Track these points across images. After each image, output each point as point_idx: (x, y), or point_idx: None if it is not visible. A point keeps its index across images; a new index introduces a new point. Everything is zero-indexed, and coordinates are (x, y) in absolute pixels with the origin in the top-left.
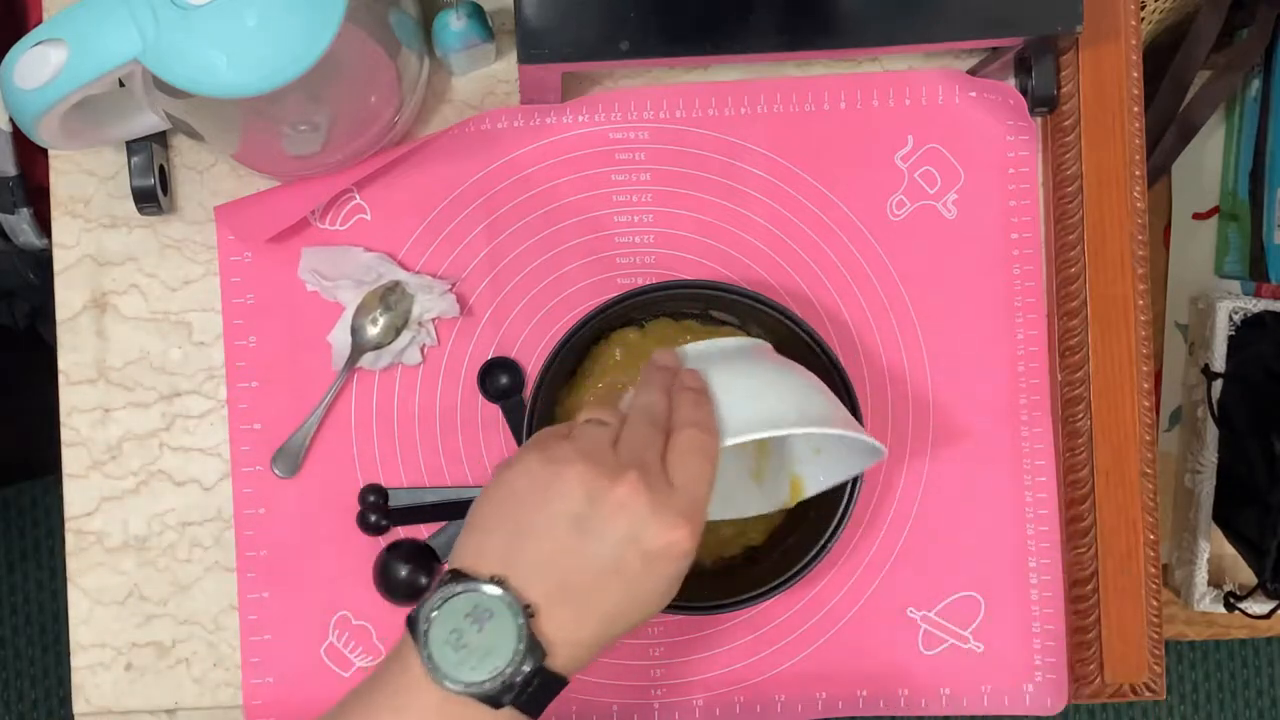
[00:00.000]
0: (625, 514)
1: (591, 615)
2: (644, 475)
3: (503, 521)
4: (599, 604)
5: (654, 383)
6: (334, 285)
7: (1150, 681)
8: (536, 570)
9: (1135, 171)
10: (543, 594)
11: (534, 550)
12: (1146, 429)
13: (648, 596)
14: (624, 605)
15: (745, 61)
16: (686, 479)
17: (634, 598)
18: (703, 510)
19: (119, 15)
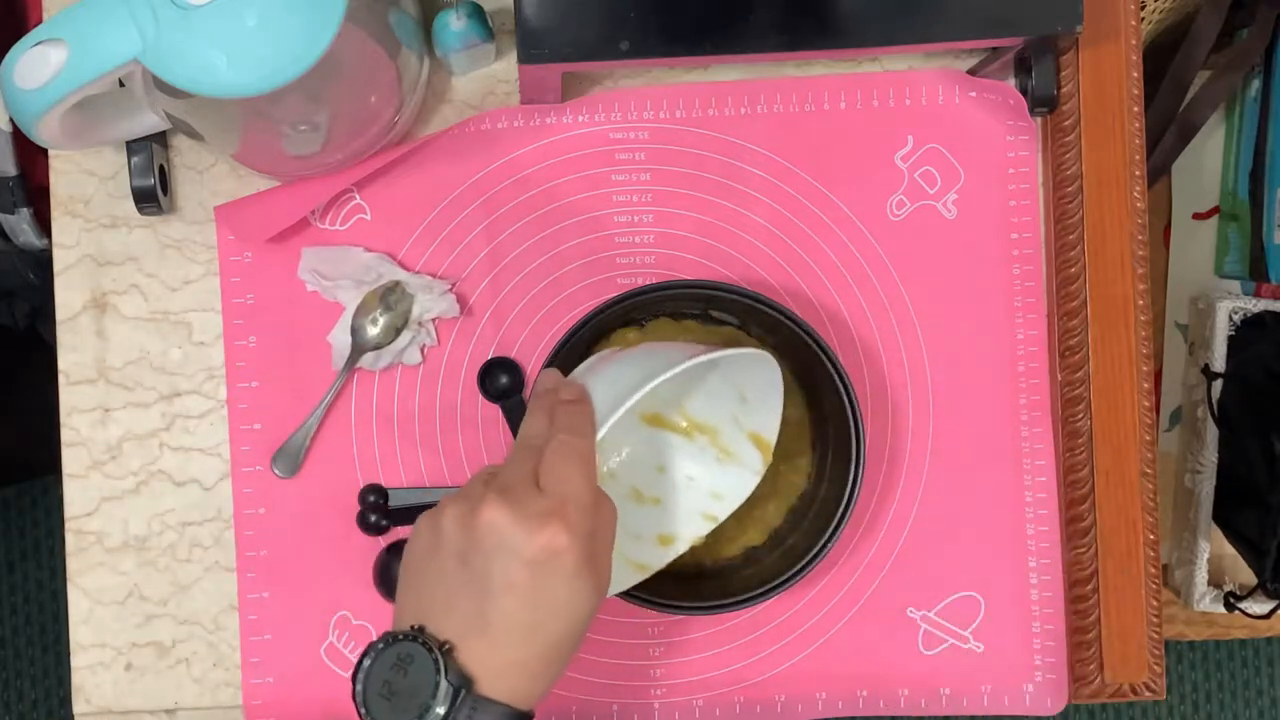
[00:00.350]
0: (493, 532)
1: (505, 637)
2: (505, 493)
3: (411, 582)
4: (507, 624)
5: (536, 409)
6: (334, 285)
7: (1150, 681)
8: (445, 612)
9: (1135, 171)
10: (455, 632)
11: (437, 596)
12: (1146, 429)
13: (555, 602)
14: (535, 618)
15: (745, 61)
16: (553, 480)
17: (540, 607)
18: (579, 505)
19: (119, 15)
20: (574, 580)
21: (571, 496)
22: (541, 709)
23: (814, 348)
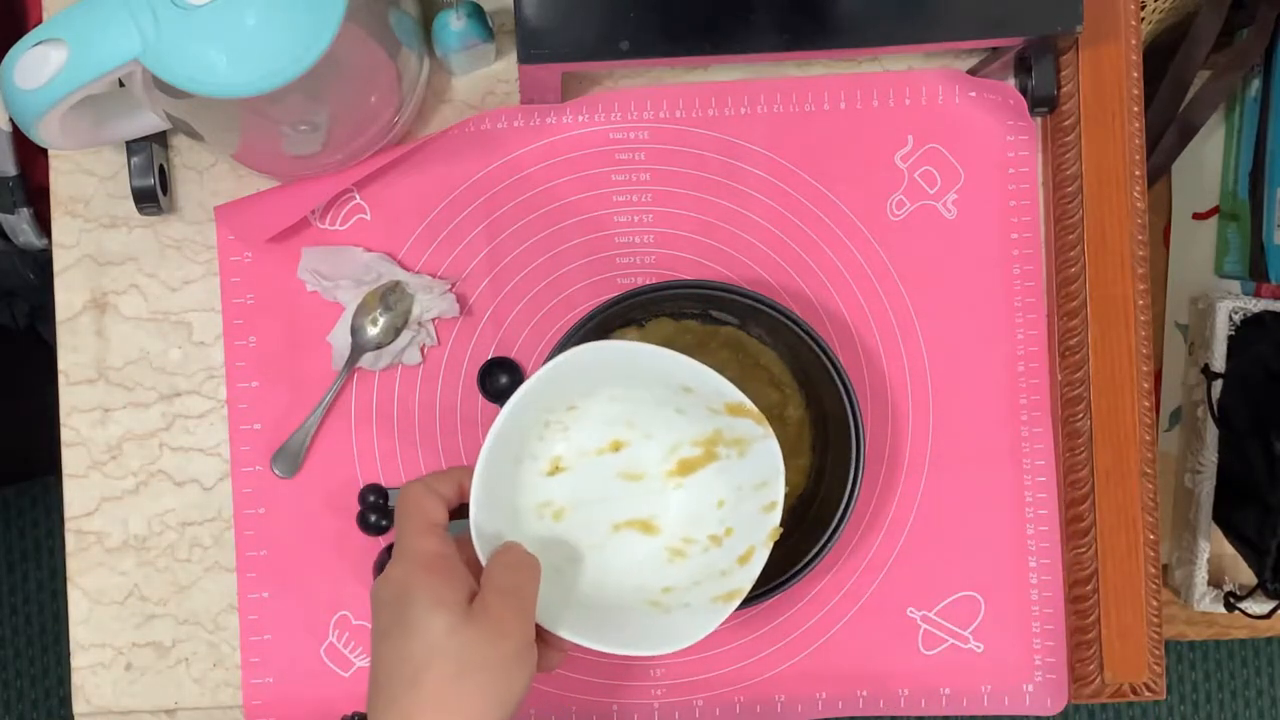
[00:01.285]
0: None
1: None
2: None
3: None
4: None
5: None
6: (334, 285)
7: (1150, 681)
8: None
9: (1135, 171)
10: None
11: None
12: (1146, 429)
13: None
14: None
15: (745, 61)
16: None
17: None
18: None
19: (119, 15)
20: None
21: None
22: (541, 708)
23: (814, 348)
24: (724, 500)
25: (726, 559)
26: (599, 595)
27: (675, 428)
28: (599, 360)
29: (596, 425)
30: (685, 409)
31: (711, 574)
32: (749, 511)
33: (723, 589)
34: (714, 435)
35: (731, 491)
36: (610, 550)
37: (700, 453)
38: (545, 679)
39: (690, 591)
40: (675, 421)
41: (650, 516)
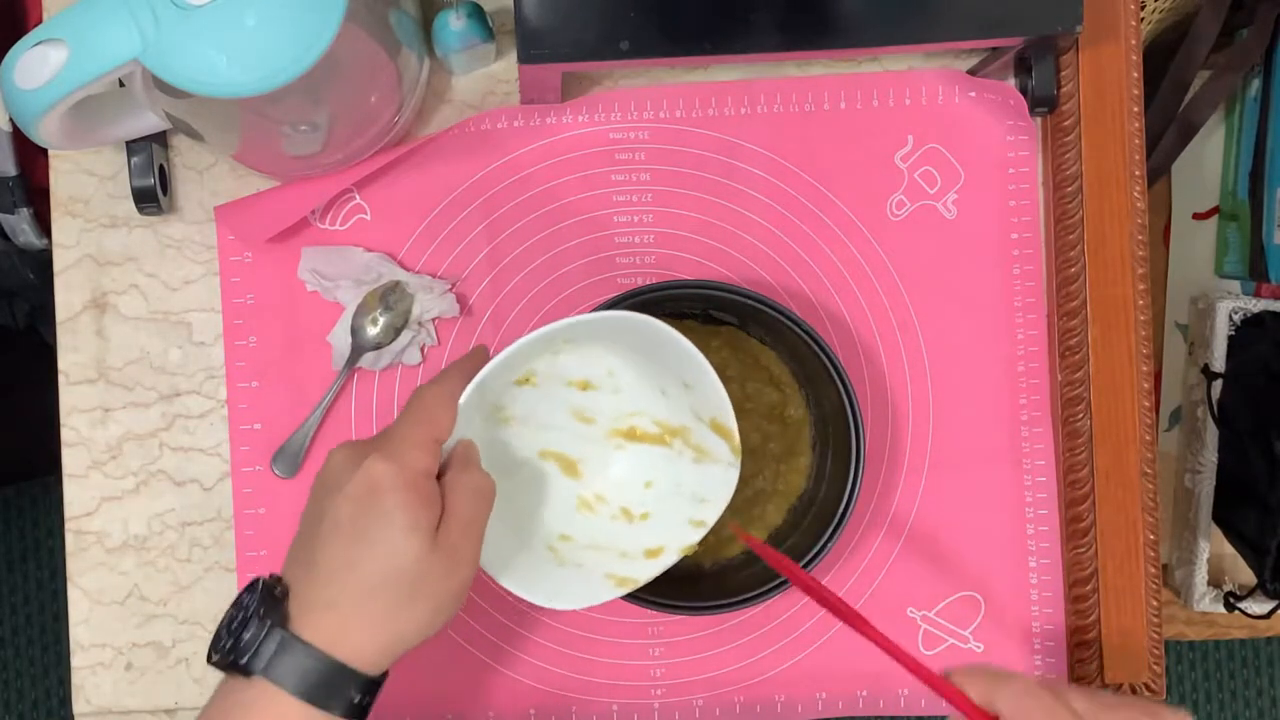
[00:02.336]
0: (329, 475)
1: (324, 575)
2: (348, 442)
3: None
4: (327, 561)
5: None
6: (334, 285)
7: (1150, 681)
8: (290, 560)
9: (1135, 171)
10: (293, 575)
11: (292, 545)
12: (1146, 429)
13: (371, 538)
14: (351, 555)
15: (745, 61)
16: (395, 426)
17: (358, 544)
18: (404, 442)
19: (119, 15)
20: (390, 517)
21: (399, 435)
22: (541, 708)
23: (814, 348)
24: (653, 484)
25: (633, 542)
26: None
27: (647, 400)
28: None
29: (582, 361)
30: (670, 396)
31: (612, 546)
32: (675, 512)
33: (618, 570)
34: (679, 429)
35: (667, 483)
36: (528, 474)
37: (655, 431)
38: (544, 679)
39: (585, 552)
40: (652, 397)
41: (578, 459)
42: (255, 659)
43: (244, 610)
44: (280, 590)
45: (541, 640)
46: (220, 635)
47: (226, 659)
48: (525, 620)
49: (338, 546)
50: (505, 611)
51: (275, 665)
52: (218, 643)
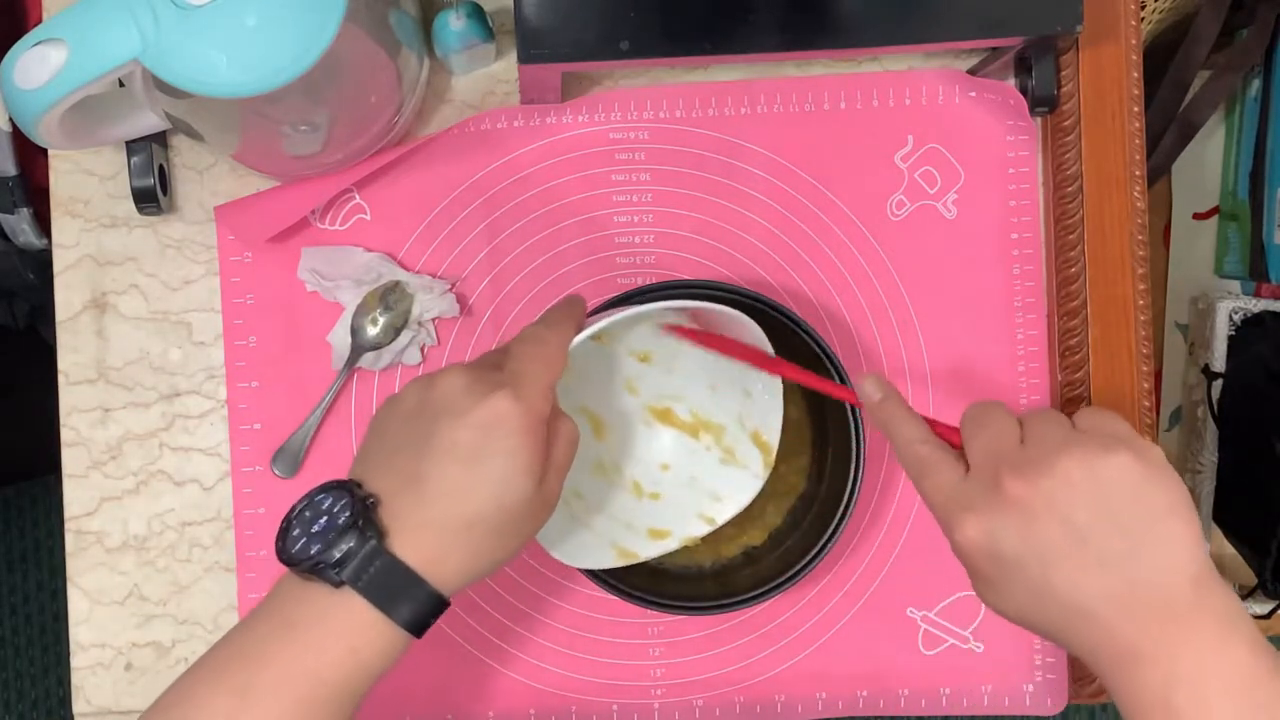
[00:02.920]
0: (444, 395)
1: (431, 495)
2: (465, 367)
3: (364, 444)
4: (438, 484)
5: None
6: (334, 285)
7: None
8: (382, 469)
9: (1135, 171)
10: (387, 487)
11: (378, 455)
12: (1146, 429)
13: (488, 472)
14: (465, 482)
15: (745, 61)
16: (512, 361)
17: (473, 472)
18: (531, 384)
19: (119, 15)
20: (513, 456)
21: (527, 374)
22: (541, 708)
23: (814, 348)
24: (670, 469)
25: (639, 517)
26: None
27: (694, 390)
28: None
29: (653, 335)
30: (720, 394)
31: (619, 517)
32: (686, 502)
33: (622, 541)
34: (714, 426)
35: (684, 472)
36: None
37: (688, 421)
38: (544, 679)
39: (594, 515)
40: (700, 389)
41: (608, 424)
42: (349, 572)
43: (331, 517)
44: (372, 501)
45: (541, 640)
46: (296, 535)
47: (312, 565)
48: (525, 620)
49: (452, 469)
50: (505, 611)
51: (370, 582)
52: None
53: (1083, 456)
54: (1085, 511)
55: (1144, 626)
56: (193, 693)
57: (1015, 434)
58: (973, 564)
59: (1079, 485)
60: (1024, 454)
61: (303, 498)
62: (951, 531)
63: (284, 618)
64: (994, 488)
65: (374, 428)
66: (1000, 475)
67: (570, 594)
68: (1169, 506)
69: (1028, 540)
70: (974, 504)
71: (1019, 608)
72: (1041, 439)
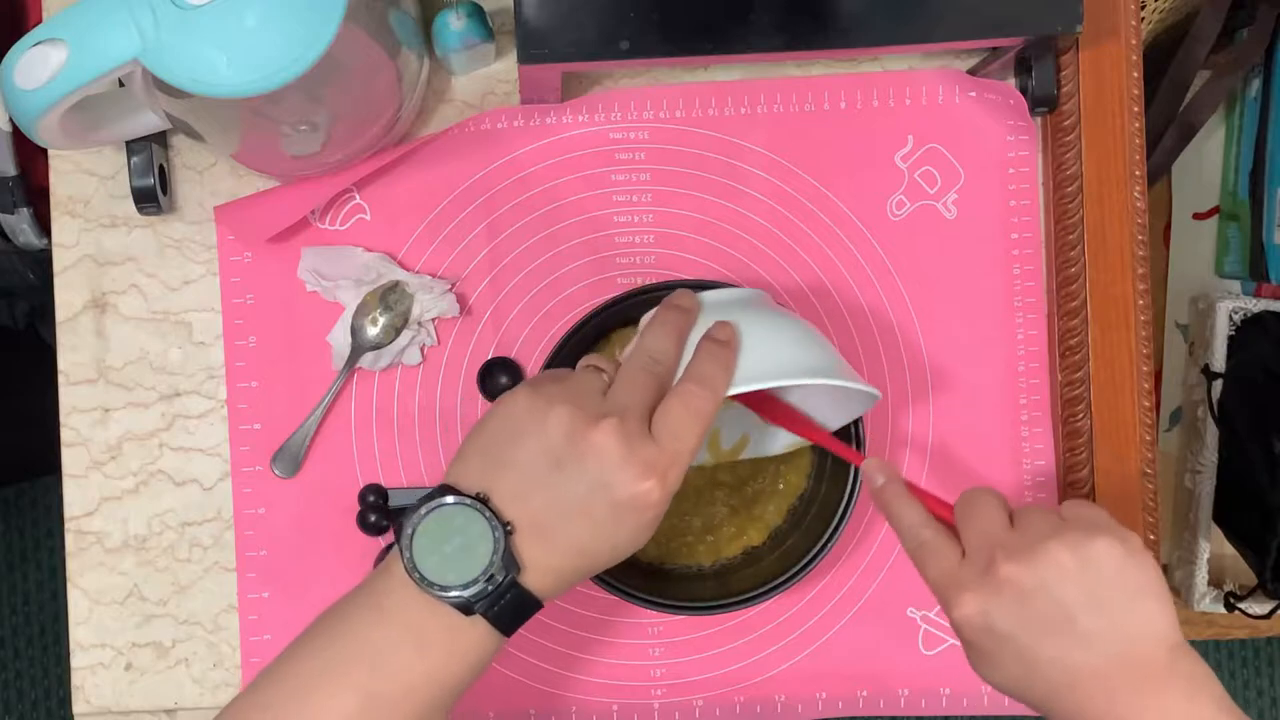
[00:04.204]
0: (596, 460)
1: (561, 546)
2: (622, 424)
3: (489, 449)
4: (569, 537)
5: (666, 325)
6: (334, 285)
7: None
8: (514, 497)
9: (1135, 171)
10: (520, 517)
11: (513, 479)
12: (1146, 429)
13: (617, 539)
14: (594, 543)
15: (745, 61)
16: (668, 434)
17: (604, 538)
18: (680, 465)
19: (119, 15)
20: (643, 530)
21: (681, 456)
22: (541, 708)
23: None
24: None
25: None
26: None
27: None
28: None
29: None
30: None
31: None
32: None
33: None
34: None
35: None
36: None
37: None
38: (544, 679)
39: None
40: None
41: None
42: (483, 604)
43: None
44: (510, 528)
45: (541, 640)
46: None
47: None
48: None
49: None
50: None
51: (500, 612)
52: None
53: (1070, 541)
54: (1072, 592)
55: (1122, 694)
56: (311, 690)
57: (1007, 520)
58: (969, 639)
59: (1067, 568)
60: (1016, 539)
61: (425, 502)
62: (950, 609)
63: (409, 626)
64: (989, 569)
65: (504, 434)
66: (995, 558)
67: (571, 594)
68: (1146, 586)
69: (1020, 618)
70: (971, 584)
71: (1010, 679)
72: (1031, 526)
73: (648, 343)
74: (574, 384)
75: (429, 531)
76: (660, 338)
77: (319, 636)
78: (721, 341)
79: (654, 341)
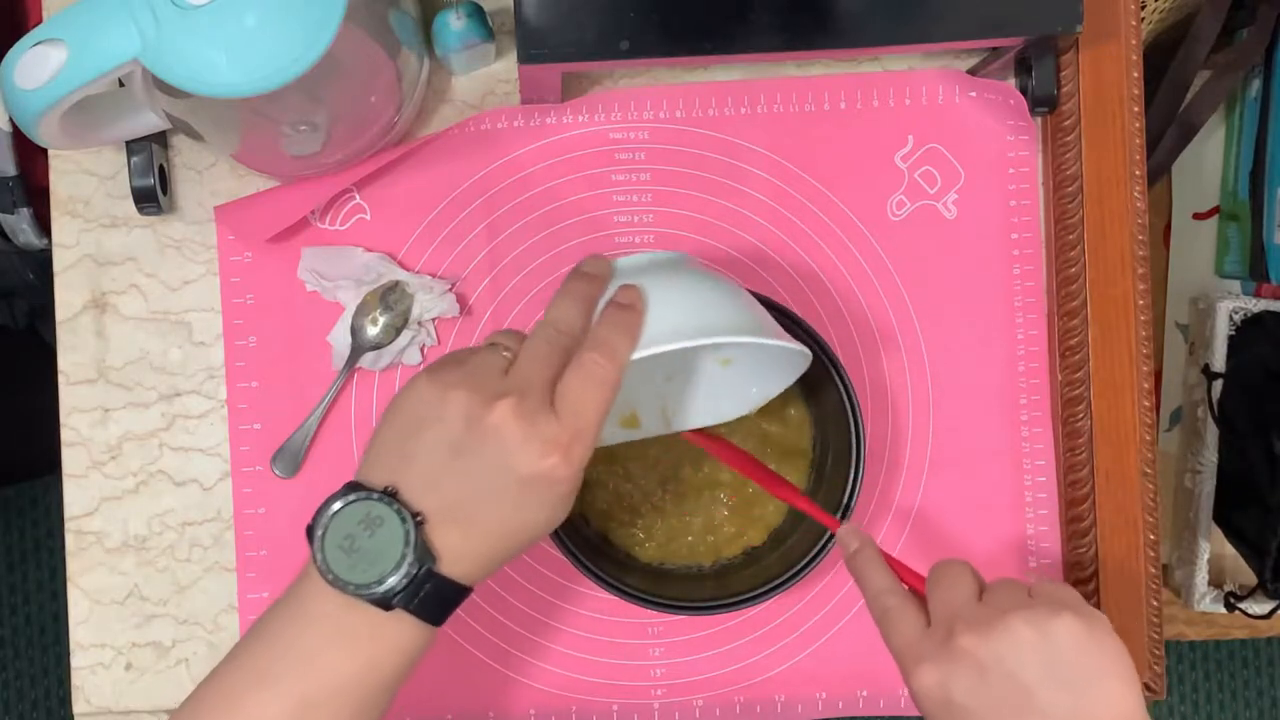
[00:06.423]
0: (496, 442)
1: (477, 531)
2: (520, 402)
3: (393, 442)
4: (484, 522)
5: (571, 295)
6: (334, 285)
7: (1150, 681)
8: (425, 487)
9: (1135, 171)
10: (431, 508)
11: (419, 469)
12: (1146, 429)
13: (534, 518)
14: (510, 524)
15: (745, 61)
16: (569, 408)
17: (518, 518)
18: (586, 437)
19: (119, 15)
20: (556, 507)
21: (584, 430)
22: (541, 709)
23: (813, 347)
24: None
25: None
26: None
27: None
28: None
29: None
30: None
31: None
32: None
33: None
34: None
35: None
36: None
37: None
38: (544, 679)
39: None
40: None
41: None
42: (404, 598)
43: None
44: (420, 520)
45: (541, 640)
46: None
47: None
48: (525, 620)
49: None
50: (506, 612)
51: (422, 603)
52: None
53: (1031, 617)
54: (1032, 668)
55: None
56: (241, 698)
57: (974, 592)
58: (927, 709)
59: (1026, 643)
60: (979, 611)
61: (335, 501)
62: (909, 678)
63: (337, 627)
64: (948, 640)
65: (411, 432)
66: (955, 629)
67: (571, 594)
68: (1109, 667)
69: (977, 692)
70: (930, 654)
71: None
72: (997, 599)
73: (552, 313)
74: (473, 365)
75: (339, 530)
76: (565, 307)
77: (249, 646)
78: (625, 305)
79: (558, 311)
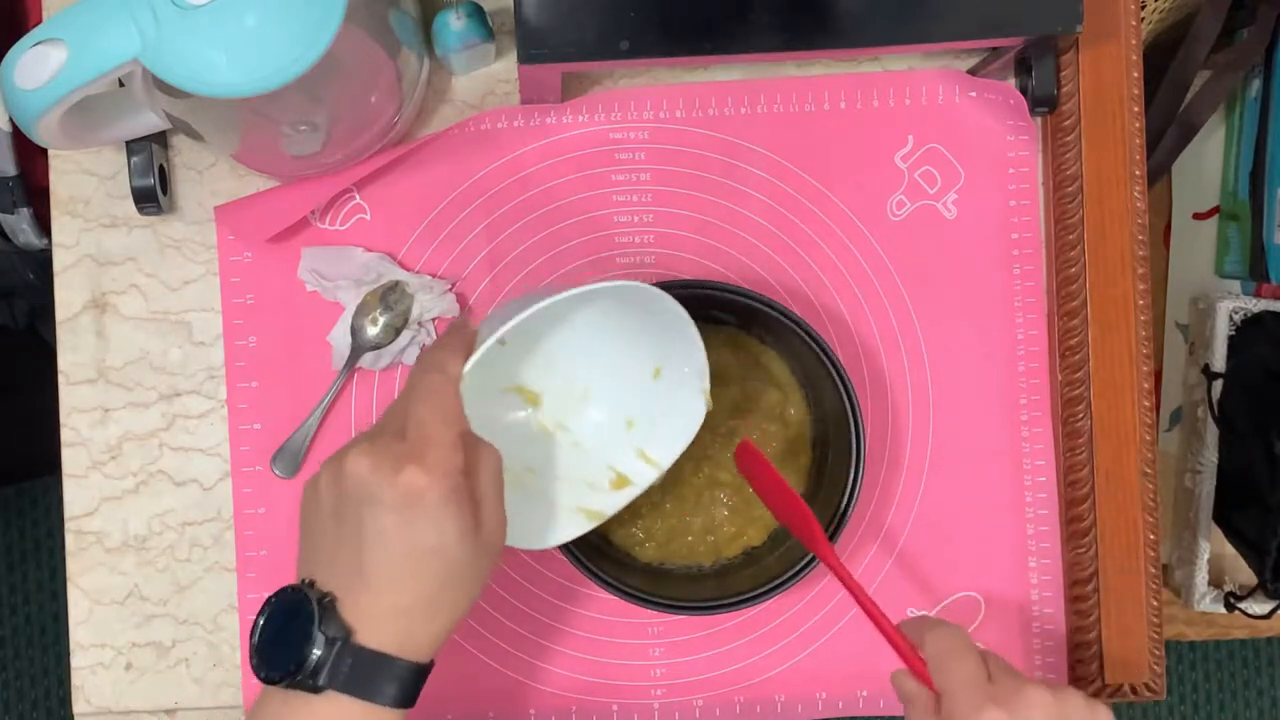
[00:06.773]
0: (357, 483)
1: (380, 586)
2: (370, 444)
3: (302, 539)
4: (382, 572)
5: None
6: (334, 285)
7: (1150, 681)
8: (329, 566)
9: (1135, 171)
10: (339, 584)
11: (322, 550)
12: (1146, 429)
13: (426, 544)
14: (408, 564)
15: (745, 61)
16: (412, 425)
17: (412, 552)
18: (437, 446)
19: (119, 15)
20: (441, 520)
21: (430, 437)
22: (541, 709)
23: (814, 348)
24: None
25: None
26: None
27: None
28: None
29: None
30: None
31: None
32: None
33: (586, 504)
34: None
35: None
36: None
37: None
38: (544, 679)
39: (549, 485)
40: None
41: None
42: (328, 676)
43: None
44: (329, 600)
45: (541, 640)
46: (265, 651)
47: (290, 678)
48: (525, 621)
49: (393, 557)
50: (506, 612)
51: (349, 679)
52: (271, 662)
53: (1045, 686)
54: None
55: None
56: None
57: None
58: None
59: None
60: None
61: (261, 609)
62: None
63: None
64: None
65: (305, 525)
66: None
67: (570, 594)
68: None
69: None
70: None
71: None
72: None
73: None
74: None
75: (269, 630)
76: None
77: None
78: (456, 325)
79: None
